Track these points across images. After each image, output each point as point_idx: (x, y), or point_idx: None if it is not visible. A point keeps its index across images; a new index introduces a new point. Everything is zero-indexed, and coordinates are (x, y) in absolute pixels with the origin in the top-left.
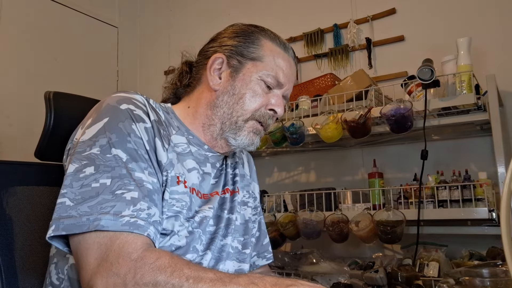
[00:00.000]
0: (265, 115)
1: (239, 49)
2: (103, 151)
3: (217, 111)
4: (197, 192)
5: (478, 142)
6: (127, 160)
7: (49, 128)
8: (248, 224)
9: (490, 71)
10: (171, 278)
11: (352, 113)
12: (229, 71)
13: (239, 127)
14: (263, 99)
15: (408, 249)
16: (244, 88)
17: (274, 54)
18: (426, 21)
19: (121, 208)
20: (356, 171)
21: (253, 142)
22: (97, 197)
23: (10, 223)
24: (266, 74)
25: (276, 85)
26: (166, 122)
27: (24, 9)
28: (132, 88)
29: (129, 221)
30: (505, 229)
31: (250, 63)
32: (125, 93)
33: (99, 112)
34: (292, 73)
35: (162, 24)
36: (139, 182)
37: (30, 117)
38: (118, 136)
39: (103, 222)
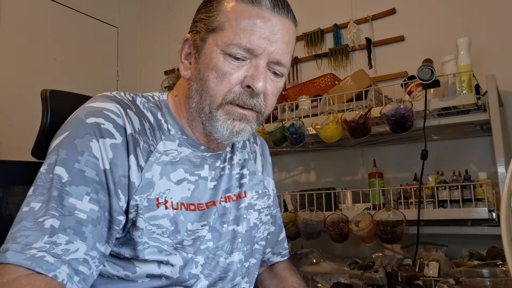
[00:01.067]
0: (242, 95)
1: (201, 24)
2: (48, 170)
3: (191, 103)
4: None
5: (478, 142)
6: (67, 182)
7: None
8: (252, 231)
9: (490, 71)
10: None
11: (352, 113)
12: (195, 53)
13: (213, 117)
14: (234, 77)
15: (408, 249)
16: (207, 69)
17: (237, 16)
18: (426, 21)
19: (34, 238)
20: (356, 171)
21: (233, 131)
22: (20, 223)
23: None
24: (227, 44)
25: (247, 53)
26: (154, 125)
27: (24, 9)
28: (132, 88)
29: (34, 255)
30: (505, 229)
31: (211, 37)
32: (99, 101)
33: (65, 124)
34: (273, 28)
35: (162, 24)
36: (69, 210)
37: (30, 117)
38: (68, 153)
39: (8, 253)
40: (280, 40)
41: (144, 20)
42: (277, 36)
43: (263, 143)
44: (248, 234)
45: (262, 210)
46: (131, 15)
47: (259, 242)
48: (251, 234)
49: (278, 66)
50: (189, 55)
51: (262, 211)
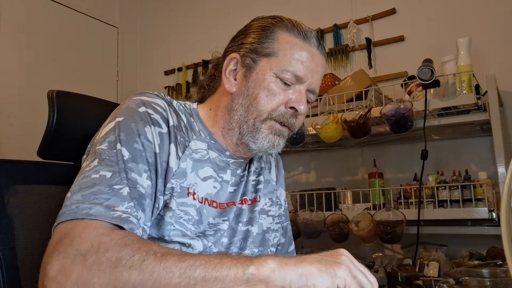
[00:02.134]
0: (285, 114)
1: (253, 47)
2: (110, 147)
3: (233, 115)
4: (211, 202)
5: (478, 142)
6: (128, 159)
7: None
8: (265, 235)
9: (490, 71)
10: (136, 252)
11: (352, 113)
12: (243, 71)
13: (257, 129)
14: (281, 97)
15: (408, 249)
16: (258, 87)
17: (291, 46)
18: (426, 21)
19: (115, 202)
20: (356, 171)
21: (273, 144)
22: (93, 187)
23: (12, 222)
24: (281, 69)
25: (295, 80)
26: (187, 126)
27: (24, 9)
28: (132, 88)
29: (120, 216)
30: (505, 229)
31: (264, 60)
32: (147, 96)
33: (117, 112)
34: (316, 63)
35: (162, 24)
36: (133, 183)
37: (31, 117)
38: (127, 135)
39: (92, 211)
40: (319, 73)
41: (144, 20)
42: (318, 70)
43: (278, 157)
44: (261, 237)
45: (274, 218)
46: (131, 15)
47: (270, 247)
48: (264, 238)
49: (312, 95)
50: (232, 71)
51: (274, 219)
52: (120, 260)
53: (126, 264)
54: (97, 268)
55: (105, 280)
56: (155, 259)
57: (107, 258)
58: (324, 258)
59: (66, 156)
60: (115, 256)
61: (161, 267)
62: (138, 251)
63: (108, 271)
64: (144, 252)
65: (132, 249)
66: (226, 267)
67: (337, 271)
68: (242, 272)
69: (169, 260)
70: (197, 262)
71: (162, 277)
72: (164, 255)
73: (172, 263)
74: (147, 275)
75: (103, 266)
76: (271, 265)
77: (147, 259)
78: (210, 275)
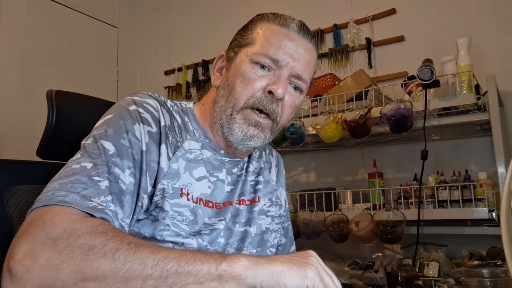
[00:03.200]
0: (262, 100)
1: (237, 42)
2: (94, 141)
3: (216, 107)
4: (207, 202)
5: (478, 142)
6: (113, 154)
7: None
8: (264, 235)
9: (490, 71)
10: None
11: (352, 113)
12: (226, 64)
13: (233, 119)
14: (258, 83)
15: (408, 249)
16: (235, 75)
17: (268, 33)
18: (426, 21)
19: (92, 193)
20: (356, 171)
21: (248, 135)
22: (72, 176)
23: (11, 221)
24: (255, 54)
25: (272, 63)
26: (181, 126)
27: (24, 9)
28: (132, 88)
29: (96, 206)
30: (505, 229)
31: (242, 50)
32: (139, 96)
33: (109, 111)
34: (297, 46)
35: (162, 24)
36: (115, 177)
37: (30, 117)
38: (115, 130)
39: (68, 198)
40: (302, 57)
41: (144, 20)
42: (300, 54)
43: (278, 156)
44: (260, 238)
45: (274, 218)
46: (131, 15)
47: (270, 248)
48: (263, 238)
49: (298, 80)
50: (221, 68)
51: (274, 219)
52: (92, 247)
53: (99, 252)
54: (67, 254)
55: (75, 267)
56: (128, 249)
57: (79, 245)
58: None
59: (66, 156)
60: (87, 244)
61: (134, 258)
62: (112, 240)
63: (79, 258)
64: (118, 241)
65: (106, 237)
66: (199, 262)
67: (307, 272)
68: (215, 268)
69: (143, 252)
70: (170, 255)
71: (134, 267)
72: (138, 246)
73: (146, 255)
74: (119, 265)
75: (74, 252)
76: (244, 262)
77: (120, 248)
78: (183, 268)
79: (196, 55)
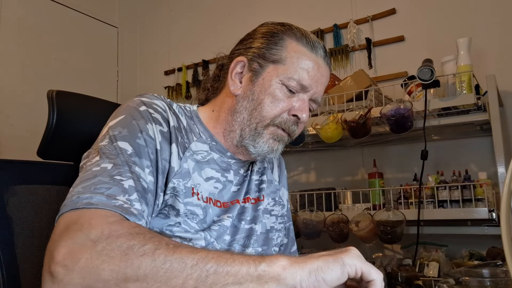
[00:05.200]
0: (288, 121)
1: (261, 52)
2: (110, 142)
3: (236, 117)
4: (215, 202)
5: (478, 142)
6: (131, 154)
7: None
8: (269, 234)
9: (490, 71)
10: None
11: (352, 113)
12: (250, 75)
13: (258, 134)
14: (285, 104)
15: (408, 249)
16: (263, 93)
17: (299, 55)
18: (426, 21)
19: (116, 192)
20: (356, 171)
21: (273, 149)
22: (94, 178)
23: (11, 221)
24: (287, 77)
25: (300, 89)
26: (187, 128)
27: (24, 9)
28: (132, 88)
29: (122, 205)
30: (505, 229)
31: (271, 66)
32: (147, 98)
33: (118, 112)
34: (322, 74)
35: (162, 24)
36: (137, 176)
37: (30, 117)
38: (129, 130)
39: (94, 200)
40: (323, 84)
41: (144, 20)
42: (323, 80)
43: (280, 157)
44: (265, 236)
45: (277, 218)
46: (131, 15)
47: (274, 247)
48: (268, 237)
49: (314, 104)
50: (238, 74)
51: (277, 218)
52: (131, 247)
53: (138, 251)
54: (107, 254)
55: (115, 267)
56: (167, 249)
57: (118, 245)
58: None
59: (66, 156)
60: (126, 243)
61: (173, 257)
62: (150, 240)
63: (119, 258)
64: (156, 242)
65: (144, 238)
66: (238, 262)
67: (344, 259)
68: (254, 268)
69: (182, 251)
70: (209, 256)
71: (174, 266)
72: (176, 246)
73: (185, 254)
74: (159, 263)
75: (114, 252)
76: (282, 262)
77: (160, 248)
78: (222, 269)
79: (196, 55)
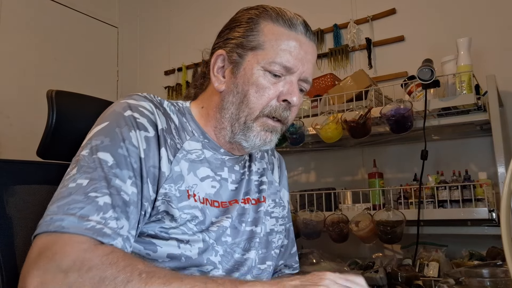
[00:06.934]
0: (278, 108)
1: (239, 41)
2: (90, 153)
3: (224, 114)
4: (213, 202)
5: (478, 142)
6: (112, 165)
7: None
8: (269, 236)
9: (490, 71)
10: (121, 273)
11: (352, 113)
12: (231, 68)
13: (248, 128)
14: (272, 92)
15: (408, 249)
16: (247, 84)
17: (277, 37)
18: (426, 21)
19: (89, 212)
20: (356, 171)
21: (265, 141)
22: (68, 197)
23: (11, 222)
24: (268, 62)
25: (285, 71)
26: (179, 127)
27: (24, 9)
28: (132, 88)
29: (94, 226)
30: (505, 229)
31: (250, 54)
32: (134, 100)
33: (103, 117)
34: (305, 51)
35: (162, 24)
36: (117, 190)
37: (30, 117)
38: (111, 140)
39: (65, 223)
40: (310, 61)
41: (144, 20)
42: (308, 58)
43: (280, 158)
44: (265, 239)
45: (278, 219)
46: (131, 15)
47: (274, 249)
48: (268, 239)
49: (305, 83)
50: (220, 69)
51: (278, 220)
52: (103, 280)
53: (110, 284)
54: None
55: None
56: (139, 281)
57: (90, 277)
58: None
59: (66, 156)
60: (98, 276)
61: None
62: (122, 271)
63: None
64: (128, 272)
65: (117, 268)
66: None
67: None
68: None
69: (154, 283)
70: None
71: None
72: (149, 277)
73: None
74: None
75: (85, 285)
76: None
77: (132, 280)
78: None
79: (196, 55)
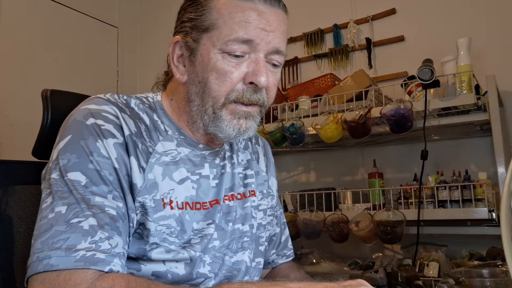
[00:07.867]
0: (246, 92)
1: (192, 23)
2: (60, 175)
3: (192, 106)
4: (194, 205)
5: (478, 142)
6: (87, 184)
7: (46, 126)
8: (257, 232)
9: (490, 71)
10: None
11: (352, 113)
12: (188, 55)
13: (218, 117)
14: (235, 75)
15: (408, 249)
16: (206, 70)
17: (229, 11)
18: (426, 21)
19: (75, 240)
20: (356, 171)
21: (240, 130)
22: (51, 229)
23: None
24: (224, 42)
25: (247, 48)
26: (150, 127)
27: (24, 9)
28: (132, 88)
29: (84, 255)
30: (505, 229)
31: (205, 36)
32: (95, 104)
33: (65, 129)
34: (268, 20)
35: (162, 24)
36: (100, 208)
37: (30, 117)
38: (78, 156)
39: (53, 260)
40: (277, 29)
41: (144, 20)
42: (273, 26)
43: (265, 144)
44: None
45: (266, 211)
46: (131, 15)
47: (262, 244)
48: (256, 234)
49: (277, 55)
50: (181, 57)
51: (266, 212)
52: None
53: None
54: None
55: None
56: None
57: None
58: None
59: None
60: None
61: None
62: None
63: None
64: None
65: None
66: None
67: None
68: None
69: None
70: None
71: None
72: None
73: None
74: None
75: None
76: None
77: None
78: None
79: None
